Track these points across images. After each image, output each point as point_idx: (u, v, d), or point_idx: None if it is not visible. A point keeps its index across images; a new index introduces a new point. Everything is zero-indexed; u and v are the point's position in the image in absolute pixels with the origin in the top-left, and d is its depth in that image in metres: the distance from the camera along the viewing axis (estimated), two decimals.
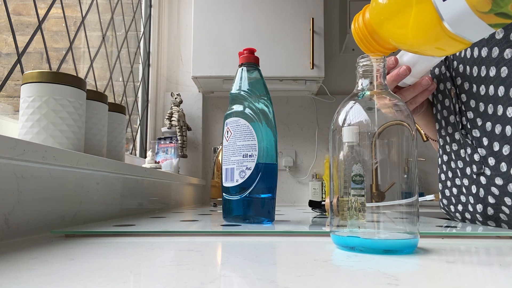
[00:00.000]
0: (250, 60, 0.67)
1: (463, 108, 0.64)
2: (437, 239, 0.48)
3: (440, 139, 0.73)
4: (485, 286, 0.25)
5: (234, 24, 1.67)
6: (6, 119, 0.78)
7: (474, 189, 0.64)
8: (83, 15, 1.19)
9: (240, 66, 0.68)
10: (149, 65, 1.84)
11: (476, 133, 0.61)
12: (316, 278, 0.26)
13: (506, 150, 0.56)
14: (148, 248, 0.39)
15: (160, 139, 1.65)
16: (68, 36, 1.09)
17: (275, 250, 0.39)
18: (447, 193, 0.73)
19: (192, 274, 0.27)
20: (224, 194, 0.65)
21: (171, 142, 1.61)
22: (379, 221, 0.38)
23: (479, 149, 0.61)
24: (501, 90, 0.55)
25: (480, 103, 0.60)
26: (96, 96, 0.78)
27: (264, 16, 1.68)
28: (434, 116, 0.75)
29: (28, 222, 0.49)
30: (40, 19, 0.92)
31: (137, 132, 1.70)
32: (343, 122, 0.39)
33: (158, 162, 1.52)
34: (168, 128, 1.69)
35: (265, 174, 0.62)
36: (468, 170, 0.65)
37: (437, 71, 0.71)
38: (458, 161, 0.68)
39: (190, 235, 0.49)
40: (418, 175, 0.58)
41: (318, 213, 0.89)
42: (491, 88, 0.57)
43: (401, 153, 0.37)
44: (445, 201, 0.74)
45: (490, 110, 0.58)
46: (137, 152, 1.70)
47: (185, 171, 1.88)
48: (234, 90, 0.66)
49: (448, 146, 0.70)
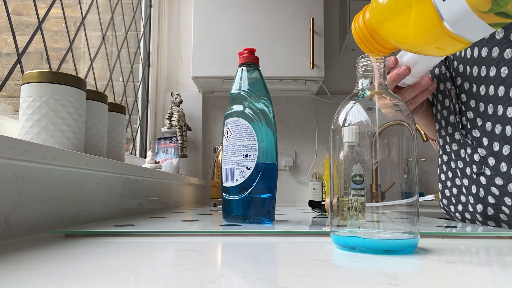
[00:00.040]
0: (250, 60, 0.67)
1: (463, 108, 0.64)
2: (437, 239, 0.48)
3: (440, 139, 0.73)
4: (485, 286, 0.25)
5: (234, 24, 1.67)
6: (6, 119, 0.78)
7: (474, 189, 0.64)
8: (83, 15, 1.19)
9: (240, 66, 0.68)
10: (149, 65, 1.84)
11: (476, 133, 0.61)
12: (316, 278, 0.26)
13: (506, 150, 0.56)
14: (148, 248, 0.39)
15: (160, 139, 1.65)
16: (68, 36, 1.09)
17: (275, 250, 0.39)
18: (447, 193, 0.73)
19: (192, 274, 0.27)
20: (224, 194, 0.65)
21: (171, 142, 1.61)
22: (379, 221, 0.38)
23: (479, 149, 0.61)
24: (501, 90, 0.55)
25: (480, 103, 0.60)
26: (96, 96, 0.78)
27: (264, 16, 1.68)
28: (434, 116, 0.75)
29: (28, 222, 0.49)
30: (40, 19, 0.92)
31: (137, 132, 1.70)
32: (343, 122, 0.39)
33: (158, 162, 1.52)
34: (168, 128, 1.69)
35: (265, 174, 0.62)
36: (468, 170, 0.65)
37: (437, 71, 0.71)
38: (458, 161, 0.68)
39: (190, 235, 0.49)
40: (418, 175, 0.58)
41: (318, 213, 0.89)
42: (491, 88, 0.57)
43: (401, 153, 0.37)
44: (445, 201, 0.74)
45: (490, 110, 0.58)
46: (137, 152, 1.70)
47: (185, 171, 1.88)
48: (234, 90, 0.66)
49: (448, 146, 0.70)
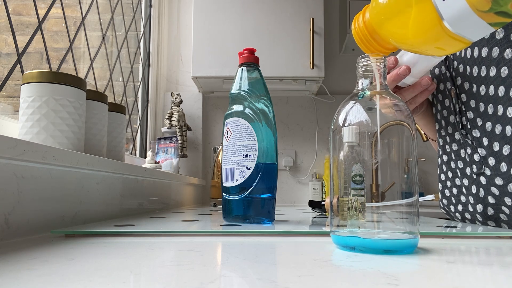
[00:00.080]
0: (250, 60, 0.67)
1: (463, 108, 0.64)
2: (437, 239, 0.48)
3: (440, 139, 0.73)
4: (485, 286, 0.25)
5: (234, 24, 1.67)
6: (6, 119, 0.78)
7: (474, 189, 0.64)
8: (83, 15, 1.19)
9: (240, 66, 0.68)
10: (149, 65, 1.84)
11: (476, 133, 0.61)
12: (316, 278, 0.26)
13: (506, 150, 0.56)
14: (148, 248, 0.39)
15: (160, 139, 1.65)
16: (68, 36, 1.09)
17: (275, 250, 0.39)
18: (447, 193, 0.73)
19: (192, 274, 0.27)
20: (224, 194, 0.65)
21: (171, 142, 1.61)
22: (379, 221, 0.38)
23: (479, 149, 0.61)
24: (501, 90, 0.55)
25: (480, 103, 0.60)
26: (96, 96, 0.78)
27: (264, 16, 1.68)
28: (434, 116, 0.75)
29: (28, 222, 0.49)
30: (40, 19, 0.92)
31: (137, 132, 1.70)
32: (343, 122, 0.39)
33: (158, 162, 1.52)
34: (168, 128, 1.69)
35: (265, 174, 0.62)
36: (468, 170, 0.65)
37: (437, 71, 0.71)
38: (458, 161, 0.68)
39: (190, 235, 0.49)
40: (418, 175, 0.58)
41: (318, 213, 0.89)
42: (491, 88, 0.57)
43: (401, 153, 0.37)
44: (445, 201, 0.74)
45: (490, 110, 0.58)
46: (137, 152, 1.70)
47: (185, 171, 1.88)
48: (234, 90, 0.66)
49: (448, 146, 0.70)
